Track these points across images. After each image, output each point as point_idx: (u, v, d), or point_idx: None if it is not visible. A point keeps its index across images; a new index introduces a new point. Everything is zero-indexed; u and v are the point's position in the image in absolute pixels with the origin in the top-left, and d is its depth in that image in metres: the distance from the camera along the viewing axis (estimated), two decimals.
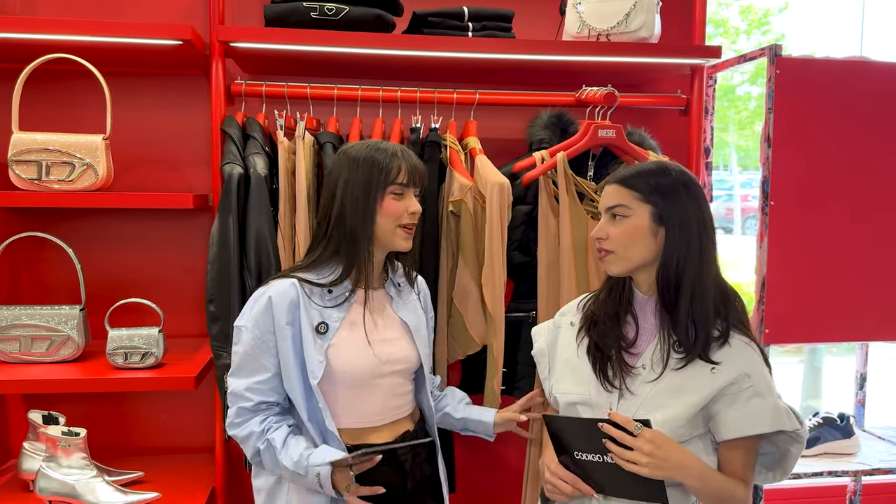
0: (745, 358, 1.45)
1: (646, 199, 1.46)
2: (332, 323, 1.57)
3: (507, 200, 2.02)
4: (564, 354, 1.61)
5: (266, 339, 1.54)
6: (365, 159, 1.56)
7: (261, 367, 1.55)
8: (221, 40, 2.00)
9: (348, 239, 1.56)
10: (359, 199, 1.55)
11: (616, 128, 2.10)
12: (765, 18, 8.84)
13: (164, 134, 2.34)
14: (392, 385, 1.62)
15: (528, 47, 2.08)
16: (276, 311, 1.54)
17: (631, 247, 1.47)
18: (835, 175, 2.37)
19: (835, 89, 2.36)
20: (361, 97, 2.17)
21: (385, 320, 1.65)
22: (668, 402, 1.44)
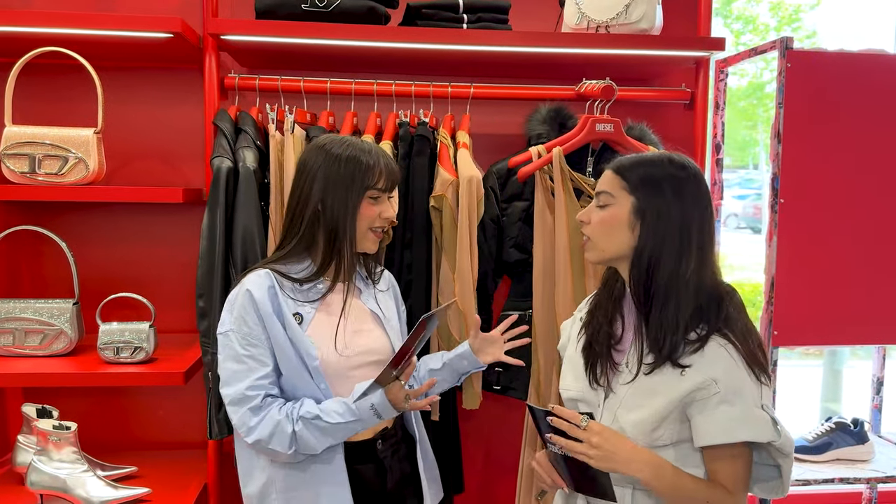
0: (717, 362, 1.36)
1: (631, 191, 1.40)
2: (305, 314, 1.56)
3: (478, 194, 1.98)
4: (569, 350, 1.59)
5: (255, 333, 1.51)
6: (348, 158, 1.54)
7: (258, 364, 1.52)
8: (212, 33, 1.98)
9: (329, 236, 1.55)
10: (340, 197, 1.53)
11: (614, 122, 2.05)
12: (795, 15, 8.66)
13: (161, 128, 2.34)
14: (367, 377, 1.57)
15: (525, 39, 2.04)
16: (259, 301, 1.51)
17: (607, 236, 1.42)
18: (848, 172, 2.29)
19: (849, 83, 2.28)
20: (355, 91, 2.14)
21: (356, 312, 1.63)
22: (642, 403, 1.39)
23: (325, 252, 1.56)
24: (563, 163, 2.01)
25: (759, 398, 1.36)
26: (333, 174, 1.53)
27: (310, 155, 1.57)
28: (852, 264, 2.31)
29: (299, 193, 1.57)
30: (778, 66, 2.31)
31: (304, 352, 1.53)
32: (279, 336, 1.51)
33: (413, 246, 2.07)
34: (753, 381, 1.36)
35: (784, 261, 2.27)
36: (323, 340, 1.55)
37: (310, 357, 1.53)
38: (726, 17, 7.74)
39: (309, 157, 1.57)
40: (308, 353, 1.53)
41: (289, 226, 1.59)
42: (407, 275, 2.06)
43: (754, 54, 2.45)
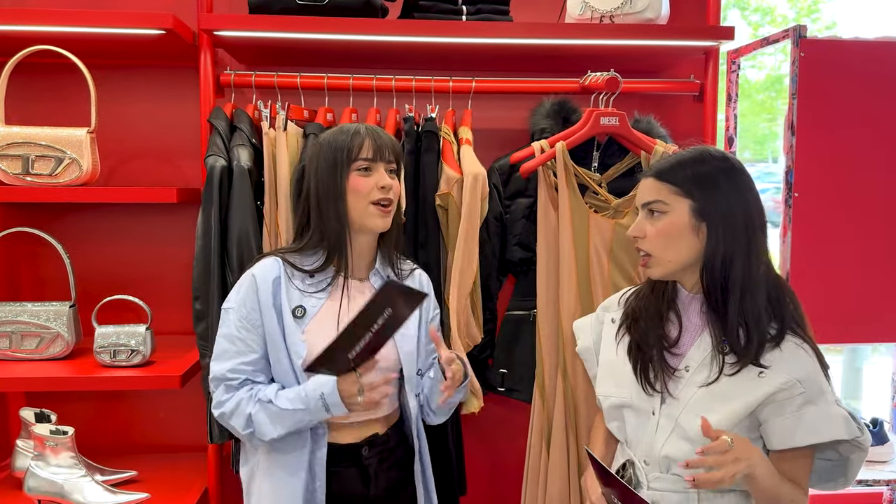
0: (797, 362, 1.33)
1: (684, 193, 1.36)
2: (309, 308, 1.52)
3: (483, 191, 1.93)
4: (605, 355, 1.53)
5: (252, 318, 1.50)
6: (329, 142, 1.53)
7: (247, 349, 1.51)
8: (205, 28, 1.94)
9: (325, 223, 1.52)
10: (326, 181, 1.51)
11: (619, 115, 1.98)
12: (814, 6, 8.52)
13: (156, 127, 2.30)
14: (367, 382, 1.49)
15: (527, 31, 1.97)
16: (261, 289, 1.50)
17: (670, 247, 1.37)
18: (864, 164, 2.22)
19: (867, 72, 2.21)
20: (353, 86, 2.09)
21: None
22: (714, 408, 1.34)
23: (328, 241, 1.54)
24: (566, 158, 1.95)
25: (833, 395, 1.35)
26: (320, 161, 1.52)
27: (309, 151, 1.61)
28: (870, 260, 2.24)
29: (306, 189, 1.56)
30: (791, 55, 2.24)
31: (292, 350, 1.50)
32: (272, 328, 1.50)
33: (428, 245, 2.01)
34: (826, 378, 1.36)
35: (798, 257, 2.21)
36: (321, 337, 1.46)
37: (297, 356, 1.49)
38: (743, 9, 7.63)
39: (308, 153, 1.61)
40: (296, 351, 1.49)
41: (299, 220, 1.59)
42: None
43: (766, 44, 2.37)
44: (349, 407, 1.44)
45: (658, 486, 1.40)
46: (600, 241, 1.97)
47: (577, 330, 1.68)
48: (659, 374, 1.40)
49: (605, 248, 1.97)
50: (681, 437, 1.37)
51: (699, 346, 1.40)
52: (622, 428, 1.49)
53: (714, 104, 2.21)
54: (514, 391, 2.10)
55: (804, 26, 2.22)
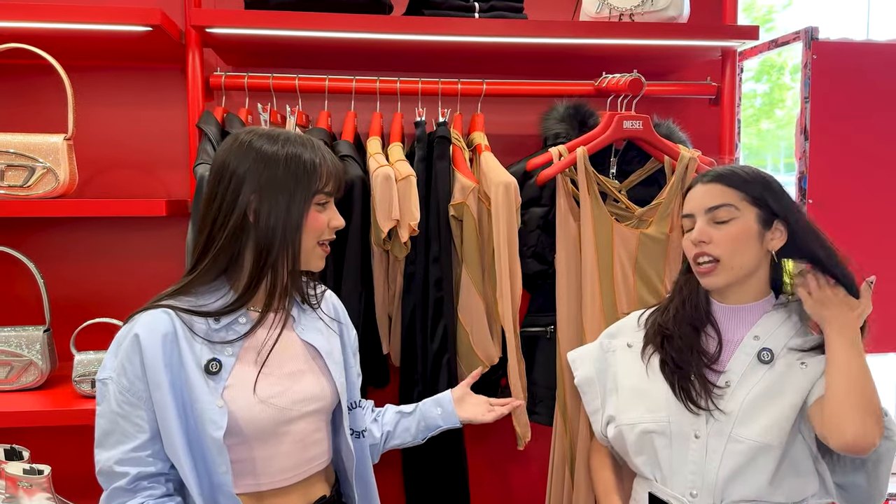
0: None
1: (753, 201, 1.36)
2: (225, 359, 1.23)
3: (516, 202, 1.80)
4: (629, 380, 1.45)
5: (136, 390, 1.18)
6: (289, 157, 1.23)
7: (133, 430, 1.18)
8: (195, 25, 1.77)
9: (260, 253, 1.23)
10: (282, 205, 1.23)
11: (643, 119, 1.87)
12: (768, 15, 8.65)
13: (140, 134, 2.12)
14: (304, 431, 1.30)
15: (542, 29, 1.85)
16: (147, 351, 1.18)
17: (739, 252, 1.36)
18: (880, 170, 2.15)
19: (880, 75, 2.15)
20: (356, 89, 1.94)
21: (290, 348, 1.31)
22: (765, 410, 1.31)
23: (252, 274, 1.24)
24: (588, 164, 1.83)
25: None
26: (270, 176, 1.22)
27: (231, 153, 1.24)
28: (888, 270, 2.16)
29: (219, 202, 1.23)
30: (803, 57, 2.17)
31: (205, 419, 1.18)
32: (164, 400, 1.17)
33: (441, 260, 1.86)
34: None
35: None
36: (247, 393, 1.23)
37: (213, 425, 1.18)
38: None
39: (230, 155, 1.24)
40: (212, 420, 1.18)
41: (204, 244, 1.25)
42: (436, 292, 1.85)
43: (775, 46, 2.30)
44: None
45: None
46: (625, 253, 1.85)
47: (575, 360, 1.59)
48: (701, 391, 1.34)
49: (629, 260, 1.86)
50: (736, 453, 1.30)
51: (738, 359, 1.37)
52: (652, 461, 1.38)
53: (732, 108, 2.12)
54: (533, 413, 1.96)
55: (816, 28, 2.15)
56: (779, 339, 1.38)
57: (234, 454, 1.23)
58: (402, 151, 1.88)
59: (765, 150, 8.42)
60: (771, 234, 1.38)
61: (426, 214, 1.84)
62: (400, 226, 1.78)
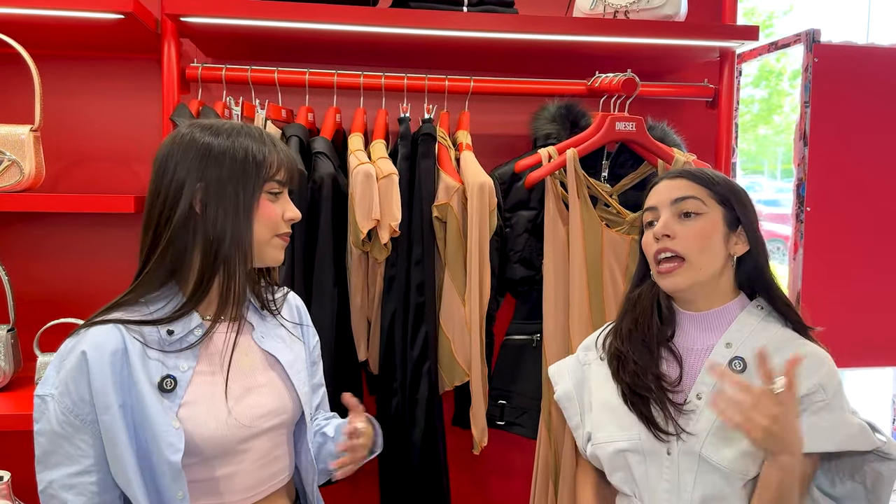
0: (821, 368, 1.24)
1: (720, 200, 1.28)
2: (180, 374, 1.14)
3: (490, 203, 1.73)
4: (601, 395, 1.36)
5: (80, 412, 1.09)
6: (233, 148, 1.15)
7: (76, 453, 1.10)
8: (170, 14, 1.69)
9: (209, 249, 1.15)
10: (229, 196, 1.14)
11: (637, 120, 1.80)
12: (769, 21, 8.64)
13: (112, 127, 2.03)
14: (266, 448, 1.22)
15: (533, 25, 1.77)
16: (95, 371, 1.09)
17: (704, 252, 1.26)
18: (881, 177, 2.09)
19: (882, 79, 2.08)
20: (338, 84, 1.86)
21: (249, 359, 1.23)
22: (738, 435, 1.17)
23: (200, 272, 1.16)
24: (578, 167, 1.76)
25: (849, 405, 1.26)
26: (214, 167, 1.14)
27: (174, 146, 1.16)
28: (887, 280, 2.10)
29: (163, 197, 1.15)
30: (804, 60, 2.10)
31: (161, 442, 1.10)
32: (113, 423, 1.09)
33: (424, 262, 1.78)
34: (842, 384, 1.26)
35: (810, 276, 2.06)
36: (208, 411, 1.15)
37: (170, 448, 1.09)
38: None
39: (173, 148, 1.16)
40: (169, 443, 1.09)
41: (150, 244, 1.16)
42: (418, 297, 1.78)
43: (775, 48, 2.23)
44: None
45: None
46: (615, 260, 1.78)
47: (555, 375, 1.50)
48: (668, 415, 1.25)
49: (620, 267, 1.79)
50: (709, 472, 1.22)
51: (711, 367, 1.25)
52: (628, 478, 1.30)
53: (729, 111, 2.05)
54: (515, 425, 1.88)
55: (818, 30, 2.09)
56: (754, 348, 1.25)
57: (193, 474, 1.15)
58: (384, 149, 1.80)
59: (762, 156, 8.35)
60: (736, 237, 1.29)
61: (409, 215, 1.77)
62: (380, 226, 1.71)
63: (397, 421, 1.80)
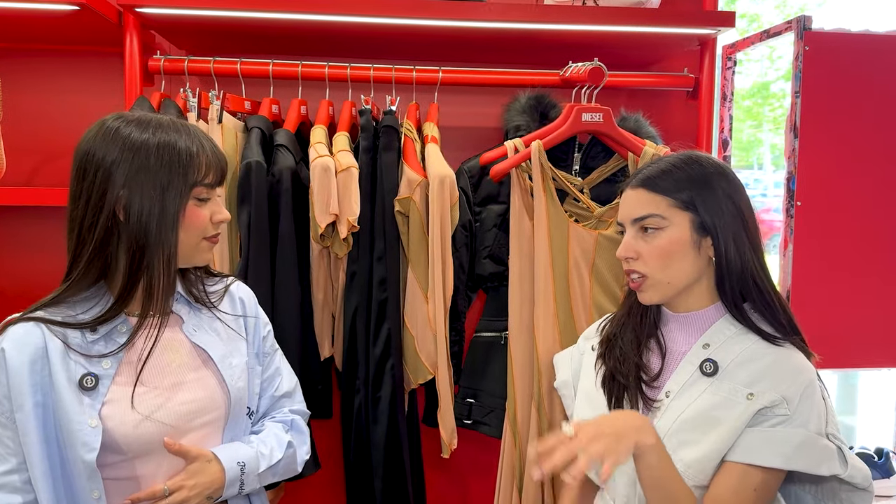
0: (792, 376, 1.18)
1: (684, 206, 1.21)
2: (103, 372, 1.12)
3: (452, 197, 1.69)
4: (586, 384, 1.36)
5: (4, 408, 1.09)
6: (161, 145, 1.12)
7: (4, 451, 1.10)
8: (125, 4, 1.67)
9: (133, 253, 1.12)
10: (154, 200, 1.11)
11: (603, 111, 1.74)
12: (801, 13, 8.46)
13: (76, 120, 1.99)
14: (195, 444, 1.19)
15: (502, 13, 1.72)
16: (12, 369, 1.08)
17: (669, 266, 1.22)
18: (875, 171, 2.01)
19: (875, 68, 2.00)
20: (303, 75, 1.83)
21: (176, 353, 1.20)
22: (698, 438, 1.17)
23: (126, 276, 1.13)
24: (543, 159, 1.71)
25: (826, 425, 1.19)
26: (139, 167, 1.10)
27: (97, 143, 1.12)
28: (880, 275, 2.03)
29: (86, 198, 1.11)
30: (795, 49, 2.02)
31: (76, 441, 1.09)
32: (26, 422, 1.08)
33: (386, 257, 1.75)
34: (822, 399, 1.20)
35: (801, 271, 1.99)
36: (126, 408, 1.13)
37: (85, 447, 1.08)
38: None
39: (95, 145, 1.12)
40: (83, 442, 1.08)
41: (75, 247, 1.14)
42: (381, 293, 1.75)
43: (766, 37, 2.16)
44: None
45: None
46: (581, 255, 1.72)
47: (557, 362, 1.50)
48: (634, 405, 1.25)
49: (586, 263, 1.73)
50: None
51: (683, 368, 1.24)
52: (597, 468, 1.25)
53: (710, 101, 1.97)
54: (482, 424, 1.84)
55: (809, 17, 2.01)
56: (729, 353, 1.22)
57: (115, 472, 1.13)
58: (347, 142, 1.77)
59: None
60: (707, 241, 1.23)
61: (371, 209, 1.73)
62: (339, 221, 1.68)
63: (360, 419, 1.77)
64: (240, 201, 1.66)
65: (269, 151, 1.73)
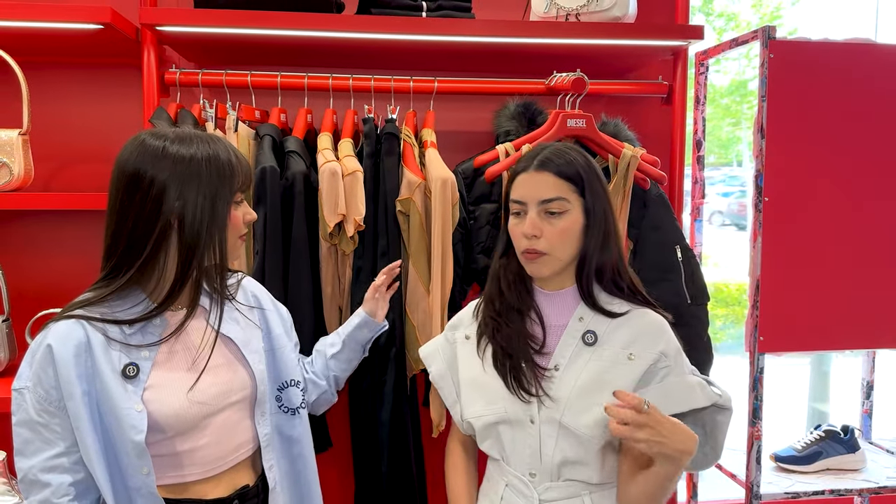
0: (661, 335, 1.37)
1: (580, 192, 1.34)
2: (142, 362, 1.25)
3: (453, 197, 1.84)
4: (469, 373, 1.44)
5: (52, 399, 1.20)
6: (208, 158, 1.24)
7: (54, 437, 1.21)
8: (146, 23, 1.81)
9: (188, 256, 1.25)
10: (206, 207, 1.24)
11: (586, 117, 1.90)
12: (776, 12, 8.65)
13: (99, 129, 2.16)
14: (229, 421, 1.33)
15: (488, 29, 1.88)
16: (60, 361, 1.19)
17: (565, 246, 1.34)
18: (836, 168, 2.16)
19: (836, 74, 2.16)
20: (308, 86, 1.98)
21: (205, 342, 1.34)
22: (596, 401, 1.30)
23: (176, 279, 1.26)
24: None
25: (688, 365, 1.39)
26: (190, 179, 1.23)
27: (145, 161, 1.22)
28: (841, 265, 2.19)
29: (137, 211, 1.22)
30: (760, 56, 2.18)
31: (125, 424, 1.21)
32: (77, 409, 1.19)
33: (389, 253, 1.90)
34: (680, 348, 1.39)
35: (769, 263, 2.15)
36: (170, 392, 1.26)
37: (134, 430, 1.21)
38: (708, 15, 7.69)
39: (144, 163, 1.22)
40: (132, 425, 1.21)
41: (121, 255, 1.25)
42: None
43: (735, 45, 2.32)
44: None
45: (549, 496, 1.35)
46: None
47: (427, 356, 1.56)
48: (531, 378, 1.34)
49: None
50: (569, 438, 1.32)
51: (566, 342, 1.37)
52: (497, 444, 1.40)
53: (683, 106, 2.14)
54: None
55: (773, 27, 2.17)
56: (601, 324, 1.37)
57: (157, 450, 1.26)
58: (351, 147, 1.91)
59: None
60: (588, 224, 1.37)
61: (374, 210, 1.88)
62: (346, 220, 1.82)
63: (367, 401, 1.92)
64: (255, 203, 1.80)
65: (279, 157, 1.88)
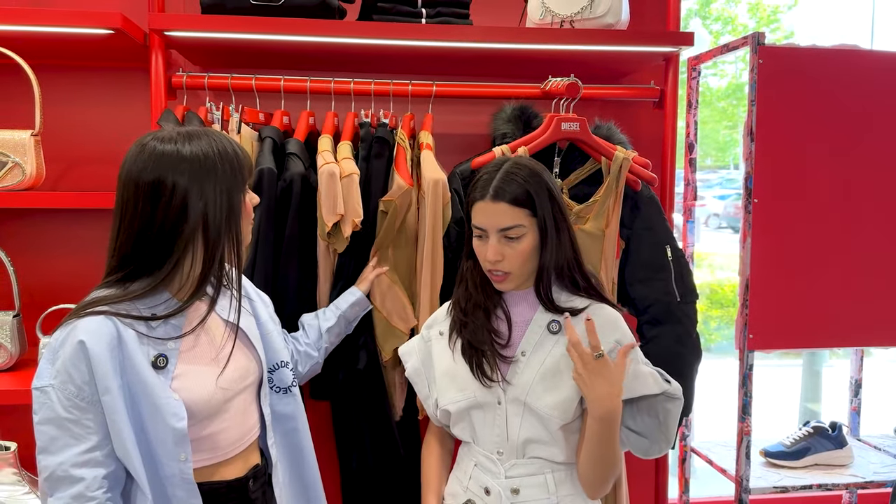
0: (615, 325, 1.49)
1: (532, 213, 1.45)
2: (169, 352, 1.30)
3: (444, 197, 1.90)
4: (442, 365, 1.57)
5: (85, 395, 1.21)
6: (219, 154, 1.28)
7: (85, 432, 1.21)
8: (154, 28, 1.87)
9: (212, 252, 1.29)
10: (225, 202, 1.29)
11: (580, 121, 1.96)
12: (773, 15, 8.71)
13: (107, 131, 2.23)
14: (243, 404, 1.41)
15: (486, 35, 1.95)
16: (95, 357, 1.20)
17: (526, 264, 1.47)
18: (824, 170, 2.23)
19: (823, 79, 2.22)
20: (311, 89, 2.04)
21: (218, 329, 1.40)
22: (557, 384, 1.44)
23: (202, 276, 1.31)
24: None
25: (641, 356, 1.51)
26: (209, 176, 1.27)
27: (161, 167, 1.25)
28: (829, 265, 2.25)
29: (162, 217, 1.25)
30: (750, 62, 2.25)
31: (166, 412, 1.25)
32: (114, 402, 1.21)
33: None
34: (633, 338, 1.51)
35: (758, 262, 2.21)
36: (197, 380, 1.31)
37: (175, 417, 1.25)
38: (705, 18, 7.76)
39: (160, 169, 1.25)
40: (173, 413, 1.25)
41: (147, 258, 1.28)
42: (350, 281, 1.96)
43: (726, 51, 2.38)
44: None
45: (516, 472, 1.47)
46: None
47: (404, 354, 1.67)
48: (494, 365, 1.47)
49: None
50: (532, 417, 1.45)
51: (532, 331, 1.50)
52: (468, 427, 1.53)
53: (674, 110, 2.21)
54: None
55: (762, 33, 2.23)
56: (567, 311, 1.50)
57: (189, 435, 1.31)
58: (350, 150, 1.97)
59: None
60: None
61: (366, 211, 1.93)
62: (344, 221, 1.88)
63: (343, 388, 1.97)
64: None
65: (280, 158, 1.93)
